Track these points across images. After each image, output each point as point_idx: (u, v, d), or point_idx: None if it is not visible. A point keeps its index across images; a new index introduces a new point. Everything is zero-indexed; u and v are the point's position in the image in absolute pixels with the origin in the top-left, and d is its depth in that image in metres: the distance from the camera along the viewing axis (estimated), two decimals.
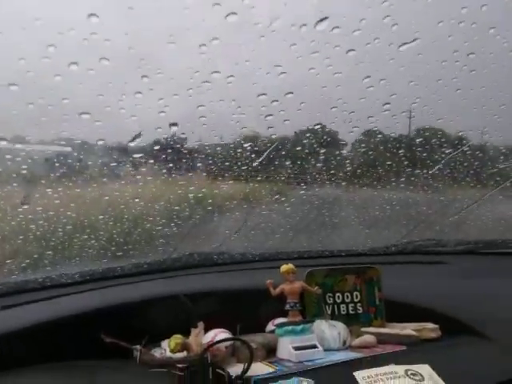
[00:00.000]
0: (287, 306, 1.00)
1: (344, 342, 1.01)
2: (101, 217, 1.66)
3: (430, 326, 1.05)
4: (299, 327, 0.97)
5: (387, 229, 2.32)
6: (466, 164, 2.08)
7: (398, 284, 1.29)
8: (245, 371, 0.78)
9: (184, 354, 0.90)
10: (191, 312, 1.02)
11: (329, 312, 1.10)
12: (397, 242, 1.90)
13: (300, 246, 1.99)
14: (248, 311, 1.14)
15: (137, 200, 1.68)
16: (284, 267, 1.01)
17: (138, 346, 0.95)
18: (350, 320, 1.09)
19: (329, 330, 1.01)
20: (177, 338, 0.87)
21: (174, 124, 1.28)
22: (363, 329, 1.06)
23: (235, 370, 0.86)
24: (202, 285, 1.17)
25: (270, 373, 0.86)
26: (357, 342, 1.01)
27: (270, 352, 1.00)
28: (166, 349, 0.94)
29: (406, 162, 2.06)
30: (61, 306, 1.03)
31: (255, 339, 1.00)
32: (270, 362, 0.93)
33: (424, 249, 1.86)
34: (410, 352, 0.97)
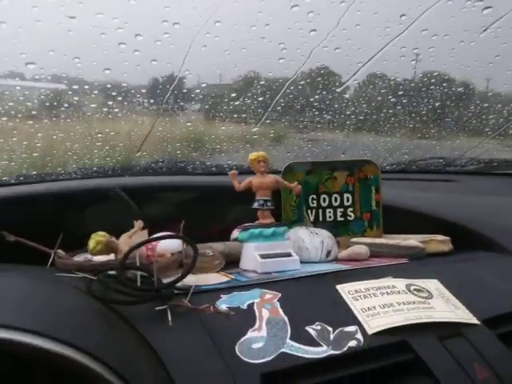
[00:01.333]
0: (255, 205, 0.76)
1: (328, 253, 0.78)
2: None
3: (440, 237, 0.82)
4: (269, 231, 0.73)
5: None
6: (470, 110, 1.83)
7: (400, 194, 1.06)
8: (180, 277, 0.55)
9: (111, 257, 0.67)
10: (133, 211, 0.79)
11: (311, 218, 0.86)
12: (398, 161, 1.65)
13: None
14: (211, 215, 0.91)
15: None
16: (253, 154, 0.76)
17: (59, 250, 0.73)
18: (338, 228, 0.86)
19: (309, 238, 0.78)
20: (99, 236, 0.64)
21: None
22: (354, 239, 0.83)
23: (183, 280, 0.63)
24: (152, 181, 0.93)
25: (223, 283, 0.64)
26: (344, 253, 0.78)
27: (234, 263, 0.77)
28: None
29: (409, 107, 1.81)
30: None
31: (213, 246, 0.77)
32: (229, 273, 0.71)
33: (430, 168, 1.61)
34: (414, 265, 0.74)
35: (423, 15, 1.02)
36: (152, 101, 1.42)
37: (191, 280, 0.62)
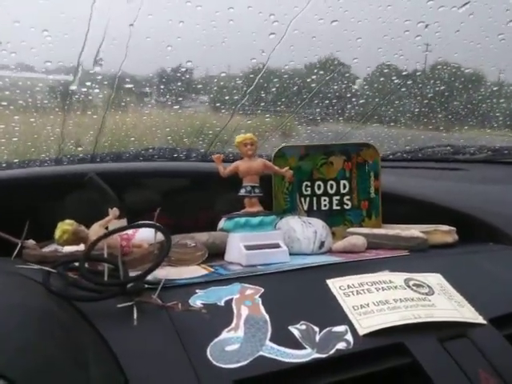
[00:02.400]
0: (242, 191, 0.70)
1: (321, 245, 0.71)
2: None
3: (445, 227, 0.75)
4: (256, 220, 0.67)
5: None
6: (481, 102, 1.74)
7: (403, 182, 0.99)
8: (148, 270, 0.49)
9: (81, 247, 0.61)
10: (110, 198, 0.73)
11: (305, 207, 0.80)
12: (404, 149, 1.58)
13: None
14: (199, 203, 0.85)
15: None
16: (240, 136, 0.70)
17: (29, 240, 0.68)
18: (334, 218, 0.79)
19: (301, 228, 0.72)
20: (65, 225, 0.58)
21: None
22: (350, 229, 0.76)
23: (156, 273, 0.58)
24: (135, 167, 0.87)
25: (199, 276, 0.58)
26: (339, 245, 0.72)
27: (220, 255, 0.71)
28: None
29: (418, 98, 1.73)
30: None
31: (196, 236, 0.72)
32: (211, 266, 0.65)
33: (437, 156, 1.54)
34: (415, 258, 0.68)
35: None
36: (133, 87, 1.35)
37: (166, 273, 0.57)
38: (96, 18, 0.73)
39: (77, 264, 0.52)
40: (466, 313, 0.53)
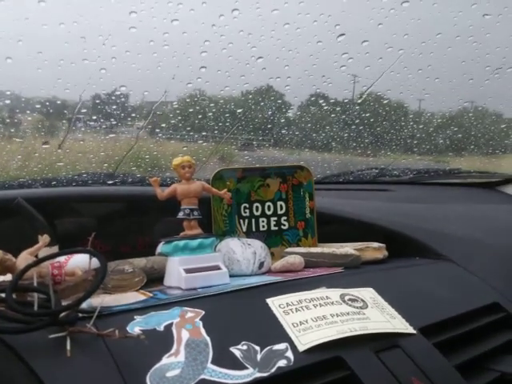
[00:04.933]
0: (180, 214, 0.69)
1: (261, 265, 0.73)
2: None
3: (375, 244, 0.80)
4: (195, 242, 0.67)
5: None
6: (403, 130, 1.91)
7: (335, 202, 1.04)
8: (82, 298, 0.47)
9: (8, 277, 0.57)
10: (39, 225, 0.69)
11: (244, 229, 0.81)
12: (331, 173, 1.65)
13: None
14: (137, 227, 0.83)
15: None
16: (177, 159, 0.70)
17: None
18: (272, 238, 0.81)
19: (241, 250, 0.73)
20: None
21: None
22: (288, 249, 0.78)
23: (91, 301, 0.55)
24: (67, 191, 0.83)
25: (138, 302, 0.56)
26: (278, 264, 0.74)
27: (159, 280, 0.70)
28: None
29: (346, 127, 1.85)
30: None
31: (134, 262, 0.70)
32: (150, 291, 0.63)
33: (367, 178, 1.63)
34: (349, 275, 0.71)
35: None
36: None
37: (102, 301, 0.55)
38: (27, 35, 0.70)
39: (3, 295, 0.48)
40: (398, 324, 0.56)
